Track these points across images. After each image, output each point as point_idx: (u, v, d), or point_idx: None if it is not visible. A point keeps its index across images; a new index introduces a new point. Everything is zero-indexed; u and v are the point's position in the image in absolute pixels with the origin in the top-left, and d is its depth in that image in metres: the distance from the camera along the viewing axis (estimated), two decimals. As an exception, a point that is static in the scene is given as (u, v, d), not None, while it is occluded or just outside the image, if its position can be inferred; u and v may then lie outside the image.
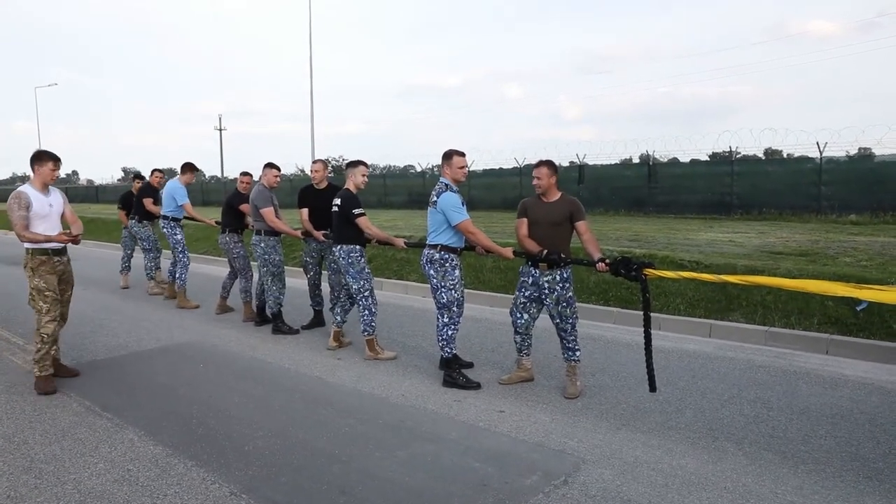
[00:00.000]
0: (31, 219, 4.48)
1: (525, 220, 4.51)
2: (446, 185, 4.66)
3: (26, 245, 4.54)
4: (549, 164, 4.47)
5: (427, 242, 4.78)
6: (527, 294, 4.53)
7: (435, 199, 4.65)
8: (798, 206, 16.51)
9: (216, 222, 8.16)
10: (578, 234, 4.43)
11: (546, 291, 4.42)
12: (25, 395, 4.49)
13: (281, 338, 6.20)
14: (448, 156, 4.69)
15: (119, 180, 59.45)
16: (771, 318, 6.12)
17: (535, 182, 4.47)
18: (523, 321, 4.60)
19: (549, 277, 4.39)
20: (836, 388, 4.58)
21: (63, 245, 4.72)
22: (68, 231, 4.64)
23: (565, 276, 4.41)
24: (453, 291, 4.66)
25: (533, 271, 4.47)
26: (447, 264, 4.64)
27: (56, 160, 4.66)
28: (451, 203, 4.58)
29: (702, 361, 5.29)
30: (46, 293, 4.57)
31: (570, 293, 4.43)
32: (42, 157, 4.63)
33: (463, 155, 4.72)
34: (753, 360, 5.32)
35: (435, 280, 4.69)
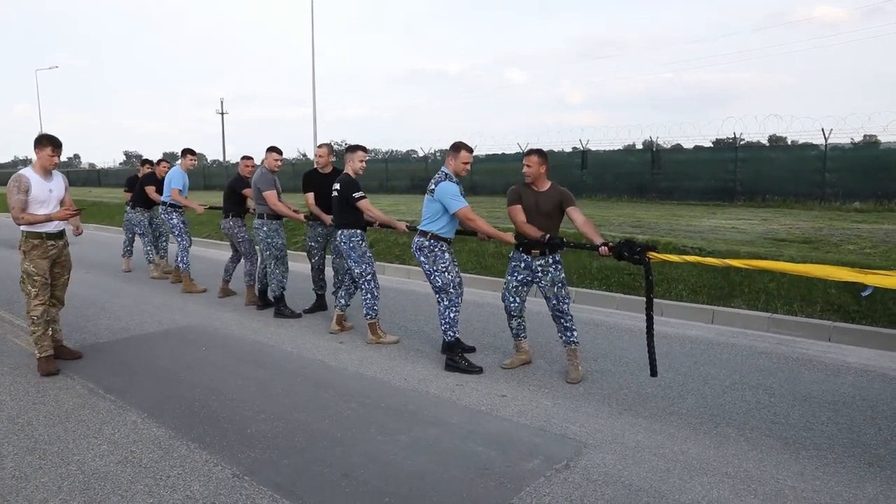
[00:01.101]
0: (29, 203, 4.45)
1: (520, 206, 4.49)
2: (446, 174, 4.69)
3: (22, 227, 4.51)
4: (539, 152, 4.48)
5: (420, 228, 4.80)
6: (519, 278, 4.58)
7: (433, 187, 4.68)
8: (802, 193, 16.45)
9: (210, 208, 8.18)
10: (572, 221, 4.41)
11: (539, 274, 4.47)
12: (29, 377, 4.51)
13: (283, 321, 6.21)
14: (456, 148, 4.72)
15: (121, 164, 59.42)
16: (773, 305, 6.11)
17: (525, 170, 4.48)
18: (516, 304, 4.64)
19: (542, 261, 4.44)
20: (839, 375, 4.58)
21: (60, 229, 4.68)
22: (66, 207, 4.59)
23: (557, 258, 4.48)
24: (446, 273, 4.68)
25: (525, 256, 4.49)
26: (436, 249, 4.68)
27: (55, 145, 4.57)
28: (448, 192, 4.59)
29: (704, 347, 5.29)
30: (35, 278, 4.53)
31: (563, 274, 4.48)
32: (42, 142, 4.55)
33: (470, 151, 4.77)
34: (756, 346, 5.32)
35: (426, 266, 4.74)
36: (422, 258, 4.75)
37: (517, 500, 2.84)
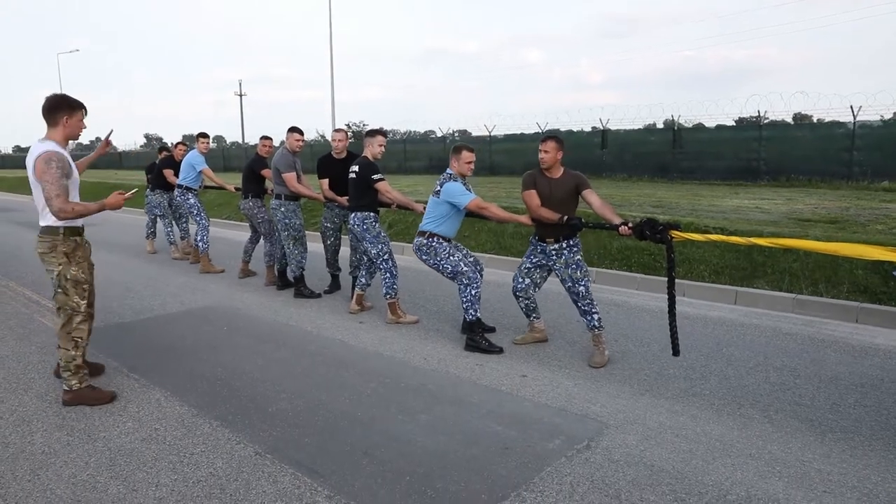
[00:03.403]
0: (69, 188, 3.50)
1: (535, 191, 4.44)
2: (450, 175, 4.76)
3: (51, 223, 3.52)
4: (556, 138, 4.43)
5: (419, 228, 4.87)
6: (534, 261, 4.59)
7: (439, 188, 4.75)
8: (828, 172, 16.10)
9: (235, 188, 8.21)
10: (589, 204, 4.37)
11: (554, 257, 4.46)
12: (56, 356, 4.58)
13: (303, 301, 6.24)
14: (457, 150, 4.79)
15: (142, 146, 60.07)
16: (798, 286, 6.00)
17: (541, 156, 4.39)
18: (523, 285, 4.65)
19: (557, 245, 4.43)
20: (866, 356, 4.49)
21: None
22: (122, 190, 3.64)
23: (572, 242, 4.45)
24: (451, 258, 4.74)
25: (541, 243, 4.53)
26: (434, 243, 4.76)
27: (85, 109, 3.66)
28: (454, 191, 4.68)
29: (727, 328, 5.21)
30: (85, 286, 3.65)
31: (578, 256, 4.45)
32: (74, 106, 3.56)
33: (472, 151, 4.81)
34: (780, 327, 5.23)
35: (430, 262, 4.82)
36: (423, 257, 4.85)
37: (538, 480, 2.83)
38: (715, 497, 2.69)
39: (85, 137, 4.14)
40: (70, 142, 3.69)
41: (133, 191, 3.72)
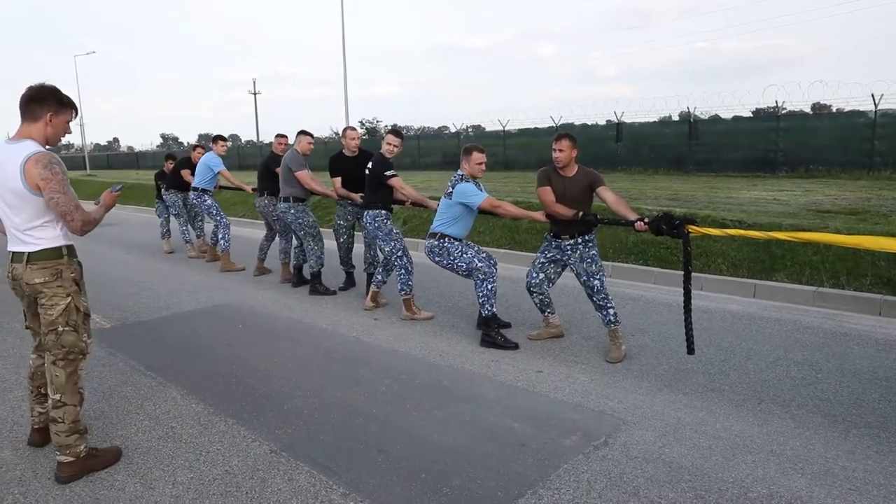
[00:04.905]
0: None
1: (549, 187, 4.41)
2: (461, 176, 4.75)
3: (50, 244, 2.74)
4: (570, 136, 4.38)
5: (430, 230, 4.86)
6: (548, 255, 4.57)
7: (450, 189, 4.73)
8: (848, 162, 15.84)
9: (253, 189, 8.24)
10: (604, 200, 4.34)
11: (569, 252, 4.44)
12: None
13: (318, 299, 6.25)
14: (468, 151, 4.77)
15: (158, 146, 60.67)
16: (819, 279, 5.90)
17: (556, 155, 4.35)
18: (537, 280, 4.61)
19: (572, 241, 4.42)
20: (891, 350, 4.40)
21: None
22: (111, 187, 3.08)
23: (587, 237, 4.43)
24: (464, 256, 4.72)
25: (556, 240, 4.51)
26: (445, 243, 4.75)
27: (76, 110, 2.91)
28: (466, 191, 4.66)
29: (746, 322, 5.14)
30: (88, 318, 2.93)
31: (594, 251, 4.43)
32: (64, 103, 2.79)
33: (482, 151, 4.79)
34: (800, 321, 5.15)
35: (444, 262, 4.80)
36: (436, 259, 4.83)
37: (555, 477, 2.80)
38: (736, 494, 2.64)
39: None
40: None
41: (119, 187, 3.10)
